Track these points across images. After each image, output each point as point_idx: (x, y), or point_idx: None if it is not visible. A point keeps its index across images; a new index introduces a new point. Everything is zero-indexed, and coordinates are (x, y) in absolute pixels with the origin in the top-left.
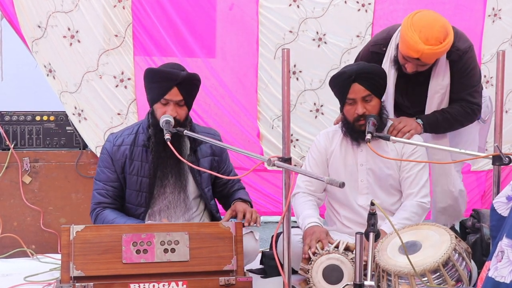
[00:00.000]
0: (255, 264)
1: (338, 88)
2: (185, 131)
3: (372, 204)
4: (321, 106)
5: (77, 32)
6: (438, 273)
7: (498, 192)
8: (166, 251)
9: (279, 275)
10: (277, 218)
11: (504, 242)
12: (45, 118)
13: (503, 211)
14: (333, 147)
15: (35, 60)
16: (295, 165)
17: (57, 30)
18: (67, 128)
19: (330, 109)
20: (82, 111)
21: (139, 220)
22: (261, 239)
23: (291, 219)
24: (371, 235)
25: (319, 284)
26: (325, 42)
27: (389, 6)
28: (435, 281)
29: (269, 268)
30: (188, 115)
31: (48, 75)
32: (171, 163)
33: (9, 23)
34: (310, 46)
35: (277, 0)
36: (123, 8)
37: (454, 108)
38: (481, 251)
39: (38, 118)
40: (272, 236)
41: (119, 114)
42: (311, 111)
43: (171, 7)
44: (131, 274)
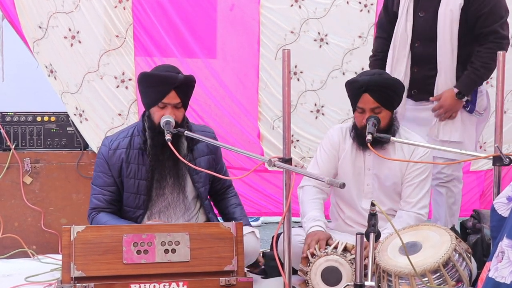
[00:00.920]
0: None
1: (350, 94)
2: (186, 132)
3: (372, 204)
4: (322, 107)
5: (78, 32)
6: (438, 274)
7: (499, 193)
8: (166, 251)
9: (279, 275)
10: (277, 219)
11: (504, 243)
12: (46, 118)
13: (504, 211)
14: (345, 145)
15: (36, 60)
16: (295, 165)
17: (58, 30)
18: (68, 128)
19: (331, 109)
20: (83, 111)
21: (131, 222)
22: (261, 240)
23: (292, 219)
24: (372, 236)
25: (318, 286)
26: (326, 43)
27: None
28: (436, 282)
29: (269, 268)
30: (185, 115)
31: (49, 75)
32: (169, 164)
33: (10, 23)
34: (312, 47)
35: (278, 1)
36: (124, 9)
37: (482, 56)
38: (481, 252)
39: (39, 118)
40: (273, 237)
41: (120, 114)
42: (311, 111)
43: (172, 7)
44: (131, 275)
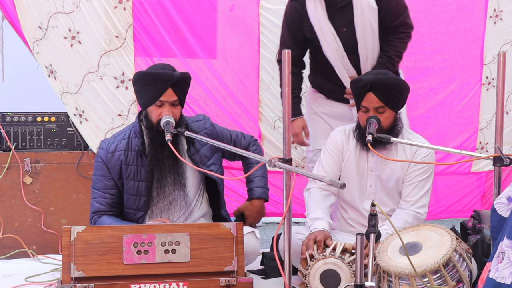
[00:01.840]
0: (256, 265)
1: (354, 93)
2: (186, 132)
3: (373, 205)
4: None
5: (78, 33)
6: (438, 274)
7: (499, 193)
8: (167, 252)
9: (279, 275)
10: (277, 219)
11: (504, 243)
12: (46, 119)
13: (504, 212)
14: (349, 146)
15: (36, 61)
16: (296, 166)
17: (58, 31)
18: (68, 129)
19: None
20: (83, 112)
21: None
22: (261, 240)
23: (292, 220)
24: (372, 236)
25: None
26: None
27: None
28: (436, 282)
29: (269, 269)
30: (182, 113)
31: (49, 76)
32: (169, 163)
33: (10, 24)
34: None
35: (278, 1)
36: (124, 9)
37: (395, 45)
38: (481, 252)
39: (39, 119)
40: (273, 237)
41: (120, 115)
42: None
43: (172, 8)
44: (132, 275)
